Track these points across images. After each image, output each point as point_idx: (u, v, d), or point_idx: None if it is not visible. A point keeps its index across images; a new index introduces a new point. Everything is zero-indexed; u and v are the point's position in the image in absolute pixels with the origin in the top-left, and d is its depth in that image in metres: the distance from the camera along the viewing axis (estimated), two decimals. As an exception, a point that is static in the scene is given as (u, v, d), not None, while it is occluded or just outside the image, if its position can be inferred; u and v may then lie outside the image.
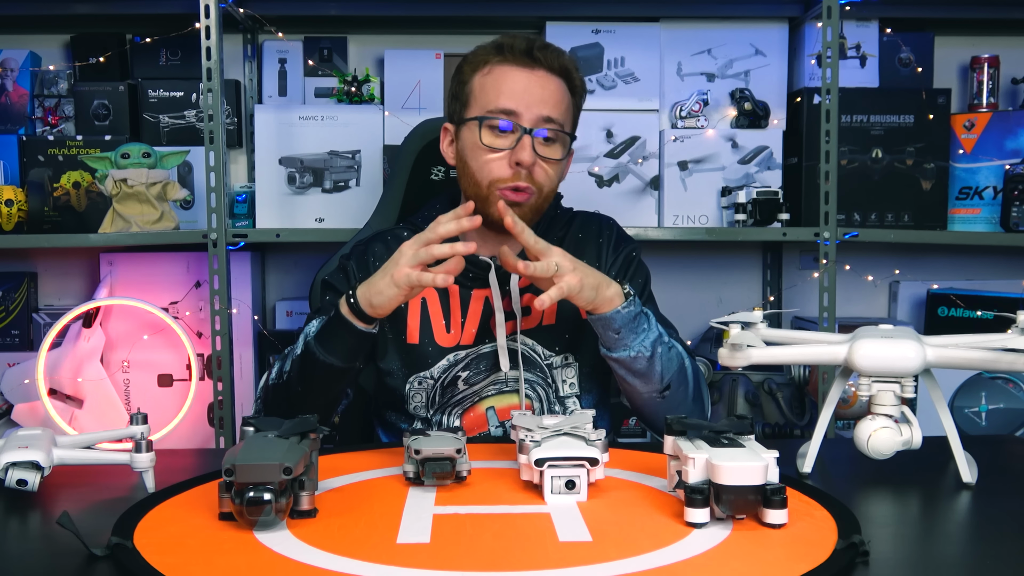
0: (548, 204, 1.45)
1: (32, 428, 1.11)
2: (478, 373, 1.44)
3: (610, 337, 1.32)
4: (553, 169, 1.41)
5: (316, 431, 1.01)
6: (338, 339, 1.30)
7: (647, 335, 1.33)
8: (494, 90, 1.39)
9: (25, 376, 2.21)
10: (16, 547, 0.94)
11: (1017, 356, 1.04)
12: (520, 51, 1.39)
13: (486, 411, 1.45)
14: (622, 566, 0.81)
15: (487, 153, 1.38)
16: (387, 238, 1.52)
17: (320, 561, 0.83)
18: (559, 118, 1.40)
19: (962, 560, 0.90)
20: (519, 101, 1.37)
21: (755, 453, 0.92)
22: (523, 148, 1.36)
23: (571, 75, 1.43)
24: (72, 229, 2.17)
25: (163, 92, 2.32)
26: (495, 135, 1.39)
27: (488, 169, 1.39)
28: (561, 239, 1.50)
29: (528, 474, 1.04)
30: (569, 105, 1.43)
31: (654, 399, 1.37)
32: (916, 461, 1.18)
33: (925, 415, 1.14)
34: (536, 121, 1.38)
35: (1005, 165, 2.21)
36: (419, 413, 1.46)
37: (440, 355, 1.44)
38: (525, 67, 1.39)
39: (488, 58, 1.41)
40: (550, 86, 1.39)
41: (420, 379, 1.45)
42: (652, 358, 1.33)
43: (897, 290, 2.50)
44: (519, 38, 1.41)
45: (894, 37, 2.34)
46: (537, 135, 1.38)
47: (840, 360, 1.10)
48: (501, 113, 1.37)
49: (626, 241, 1.55)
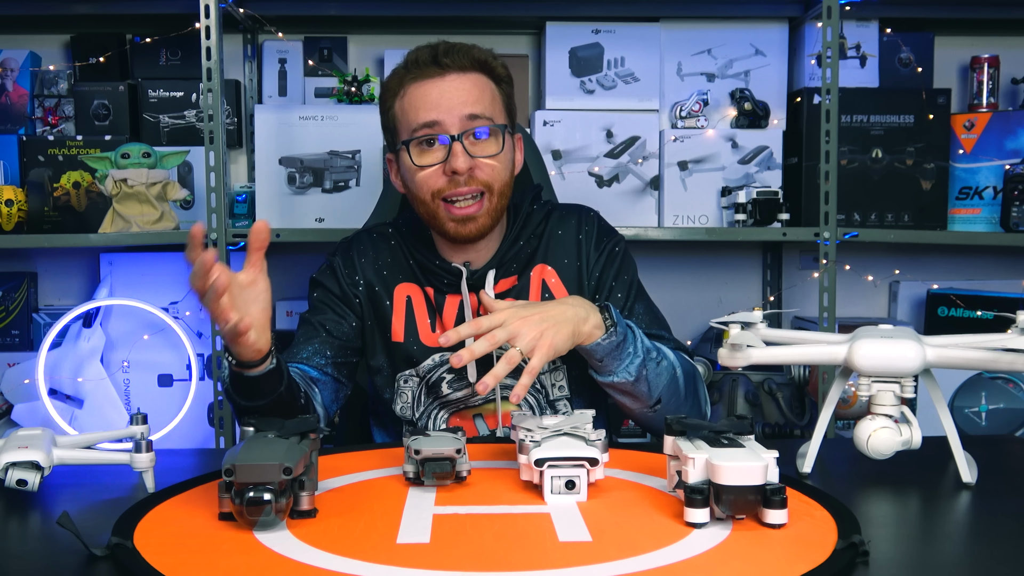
0: (506, 200, 1.42)
1: (32, 428, 1.11)
2: (462, 380, 1.43)
3: (594, 363, 1.31)
4: (498, 163, 1.39)
5: (316, 431, 1.01)
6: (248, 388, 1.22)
7: (632, 360, 1.29)
8: (412, 109, 1.38)
9: (25, 376, 2.21)
10: (16, 547, 0.94)
11: (1017, 356, 1.04)
12: (425, 62, 1.37)
13: (473, 418, 1.45)
14: (622, 566, 0.81)
15: (421, 171, 1.38)
16: (372, 235, 1.52)
17: (320, 561, 0.83)
18: (483, 112, 1.37)
19: (962, 560, 0.90)
20: (438, 111, 1.36)
21: (755, 453, 0.92)
22: (455, 156, 1.35)
23: (488, 65, 1.40)
24: (72, 229, 2.17)
25: (163, 92, 2.32)
26: (424, 152, 1.38)
27: (427, 185, 1.38)
28: (539, 237, 1.48)
29: (528, 474, 1.04)
30: (494, 95, 1.41)
31: (645, 413, 1.36)
32: (916, 461, 1.17)
33: (925, 415, 1.13)
34: (462, 123, 1.36)
35: (1005, 165, 2.21)
36: (405, 414, 1.46)
37: (425, 354, 1.44)
38: (434, 76, 1.37)
39: (401, 80, 1.39)
40: (465, 85, 1.37)
41: (406, 377, 1.45)
42: (637, 381, 1.30)
43: (897, 290, 2.50)
44: (425, 49, 1.39)
45: (894, 37, 2.34)
46: (466, 137, 1.36)
47: (840, 360, 1.10)
48: (424, 128, 1.36)
49: (609, 235, 1.51)
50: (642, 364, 1.30)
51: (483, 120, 1.37)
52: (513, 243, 1.45)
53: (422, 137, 1.37)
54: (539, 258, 1.47)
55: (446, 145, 1.36)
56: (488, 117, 1.38)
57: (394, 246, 1.49)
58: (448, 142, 1.35)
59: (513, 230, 1.46)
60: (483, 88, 1.39)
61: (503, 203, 1.42)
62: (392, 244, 1.49)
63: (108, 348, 2.22)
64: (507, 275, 1.45)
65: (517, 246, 1.45)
